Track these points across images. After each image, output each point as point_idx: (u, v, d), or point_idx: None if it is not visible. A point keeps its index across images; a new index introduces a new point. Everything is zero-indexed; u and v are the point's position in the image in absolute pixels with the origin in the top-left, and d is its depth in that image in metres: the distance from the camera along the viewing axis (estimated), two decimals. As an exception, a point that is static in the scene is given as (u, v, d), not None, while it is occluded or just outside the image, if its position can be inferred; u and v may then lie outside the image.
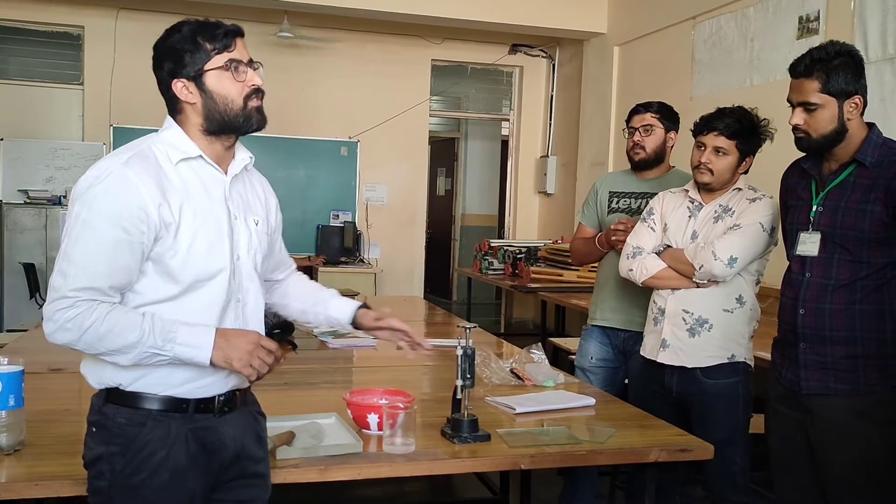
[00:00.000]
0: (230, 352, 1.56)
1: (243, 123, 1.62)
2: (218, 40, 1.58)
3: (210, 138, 1.63)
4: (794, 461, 2.23)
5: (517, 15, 6.63)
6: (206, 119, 1.61)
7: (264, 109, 1.66)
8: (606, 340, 3.06)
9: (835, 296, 2.10)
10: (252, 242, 1.69)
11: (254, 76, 1.62)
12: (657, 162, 3.03)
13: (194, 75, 1.58)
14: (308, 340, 3.27)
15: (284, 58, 7.37)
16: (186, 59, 1.58)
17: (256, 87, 1.63)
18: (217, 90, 1.59)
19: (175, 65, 1.58)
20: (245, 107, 1.61)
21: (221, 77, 1.59)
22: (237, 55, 1.60)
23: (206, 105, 1.60)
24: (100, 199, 1.49)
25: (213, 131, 1.62)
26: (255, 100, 1.63)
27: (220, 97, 1.59)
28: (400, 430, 1.93)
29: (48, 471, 1.73)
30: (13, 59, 7.14)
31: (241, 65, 1.60)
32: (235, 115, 1.61)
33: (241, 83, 1.60)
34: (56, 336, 1.49)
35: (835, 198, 2.12)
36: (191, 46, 1.58)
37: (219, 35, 1.59)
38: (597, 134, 6.82)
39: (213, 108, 1.60)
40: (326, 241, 7.49)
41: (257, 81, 1.63)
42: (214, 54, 1.58)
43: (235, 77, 1.60)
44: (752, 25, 4.95)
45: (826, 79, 2.05)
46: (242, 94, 1.61)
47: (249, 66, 1.62)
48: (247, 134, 1.66)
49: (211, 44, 1.58)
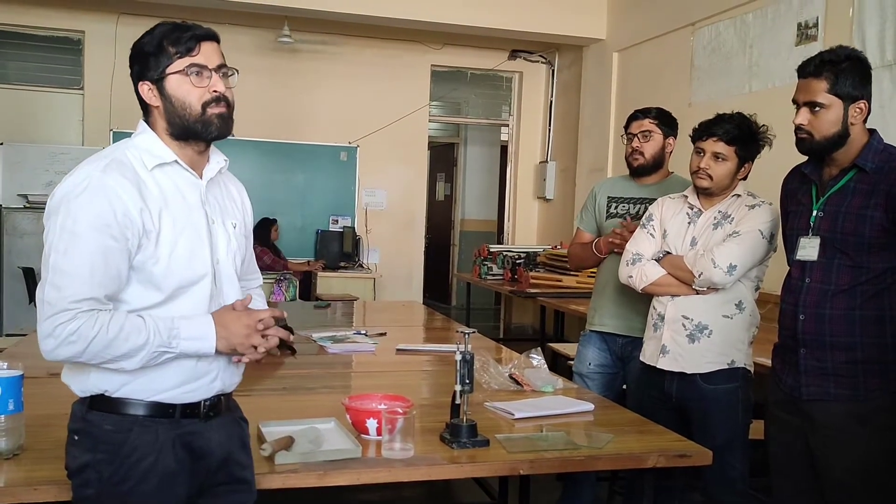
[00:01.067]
0: (231, 338, 1.58)
1: (202, 130, 1.59)
2: (181, 44, 1.56)
3: (179, 143, 1.62)
4: (794, 467, 2.23)
5: (517, 21, 6.64)
6: (168, 123, 1.60)
7: (231, 116, 1.62)
8: (605, 346, 3.06)
9: (835, 301, 2.10)
10: (231, 245, 1.69)
11: (217, 83, 1.59)
12: (656, 168, 3.04)
13: (157, 78, 1.58)
14: (307, 345, 3.27)
15: (284, 63, 7.38)
16: (151, 62, 1.57)
17: (218, 95, 1.59)
18: (176, 94, 1.58)
19: (141, 67, 1.59)
20: (203, 113, 1.58)
21: (181, 81, 1.57)
22: (200, 60, 1.57)
23: (167, 109, 1.59)
24: (84, 209, 1.48)
25: (177, 136, 1.61)
26: (215, 106, 1.59)
27: (179, 102, 1.58)
28: (399, 435, 1.92)
29: (47, 475, 1.72)
30: (13, 64, 7.15)
31: (205, 70, 1.58)
32: (194, 120, 1.58)
33: (202, 88, 1.58)
34: (59, 351, 1.47)
35: (835, 203, 2.13)
36: (155, 49, 1.57)
37: (184, 38, 1.57)
38: (596, 140, 6.83)
39: (172, 113, 1.59)
40: (326, 245, 7.49)
41: (219, 88, 1.59)
42: (176, 58, 1.56)
43: (195, 82, 1.57)
44: (750, 32, 4.96)
45: (835, 80, 2.07)
46: (202, 100, 1.58)
47: (217, 72, 1.59)
48: (209, 141, 1.64)
49: (174, 47, 1.56)
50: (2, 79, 7.06)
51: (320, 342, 3.31)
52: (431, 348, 3.38)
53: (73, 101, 7.13)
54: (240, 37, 6.94)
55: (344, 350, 3.25)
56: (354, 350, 3.27)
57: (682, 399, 2.58)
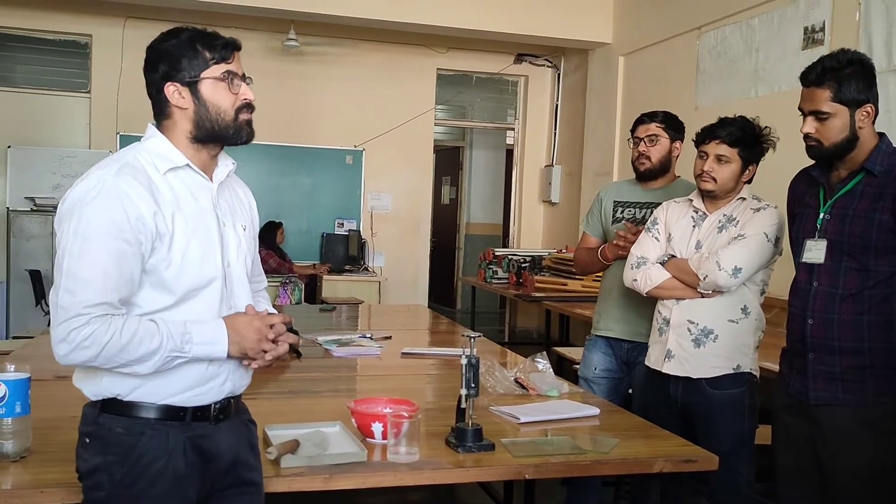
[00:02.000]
0: (243, 343, 1.59)
1: (233, 135, 1.64)
2: (217, 50, 1.60)
3: (196, 146, 1.63)
4: (801, 471, 2.22)
5: (522, 25, 6.64)
6: (195, 126, 1.61)
7: (253, 122, 1.67)
8: (610, 351, 3.05)
9: (843, 306, 2.10)
10: (241, 248, 1.70)
11: (247, 90, 1.64)
12: (662, 172, 3.03)
13: (189, 81, 1.59)
14: (313, 349, 3.28)
15: (290, 66, 7.40)
16: (183, 64, 1.58)
17: (248, 102, 1.64)
18: (211, 99, 1.60)
19: (171, 68, 1.59)
20: (236, 119, 1.63)
21: (217, 87, 1.60)
22: (234, 68, 1.62)
23: (198, 112, 1.60)
24: (97, 213, 1.49)
25: (201, 139, 1.62)
26: (245, 113, 1.64)
27: (213, 106, 1.60)
28: (404, 438, 1.92)
29: (54, 478, 1.73)
30: (21, 67, 7.18)
31: (237, 77, 1.62)
32: (226, 125, 1.62)
33: (235, 95, 1.62)
34: (73, 356, 1.48)
35: (842, 206, 2.12)
36: (189, 52, 1.59)
37: (218, 45, 1.60)
38: (601, 143, 6.83)
39: (204, 117, 1.60)
40: (331, 249, 7.50)
41: (250, 96, 1.65)
42: (213, 63, 1.60)
43: (230, 89, 1.61)
44: (756, 36, 4.96)
45: (838, 87, 2.05)
46: (235, 107, 1.62)
47: (243, 81, 1.64)
48: (234, 145, 1.67)
49: (210, 53, 1.59)
50: (9, 82, 7.09)
51: (325, 345, 3.31)
52: (437, 352, 3.38)
53: (81, 105, 7.16)
54: (246, 41, 6.80)
55: (349, 353, 3.25)
56: (360, 353, 3.27)
57: (687, 404, 2.57)
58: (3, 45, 7.06)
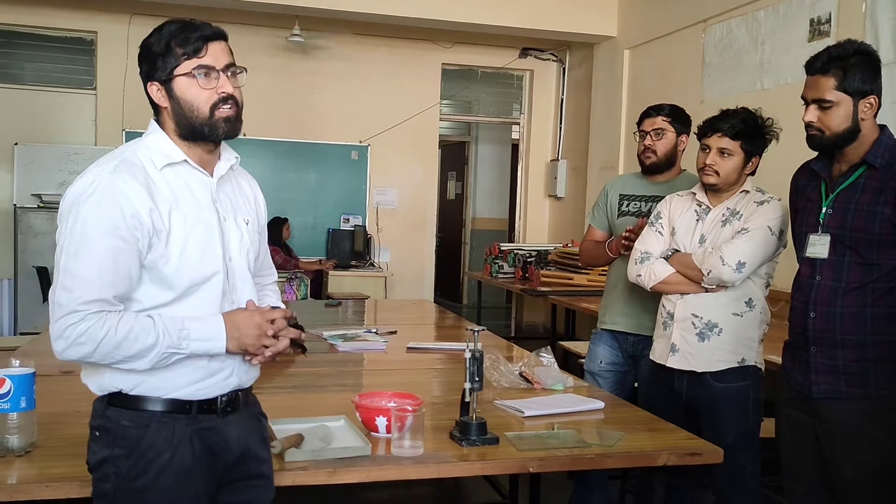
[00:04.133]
0: (243, 339, 1.59)
1: (209, 133, 1.59)
2: (189, 45, 1.56)
3: (188, 143, 1.62)
4: (805, 465, 2.21)
5: (527, 19, 6.63)
6: (176, 124, 1.61)
7: (240, 115, 1.62)
8: (616, 344, 3.05)
9: (846, 299, 2.09)
10: (244, 242, 1.70)
11: (225, 83, 1.58)
12: (668, 165, 3.02)
13: (165, 80, 1.58)
14: (318, 343, 3.28)
15: (295, 62, 7.40)
16: (159, 63, 1.57)
17: (226, 95, 1.59)
18: (184, 96, 1.57)
19: (150, 67, 1.59)
20: (211, 116, 1.58)
21: (189, 84, 1.57)
22: (207, 61, 1.57)
23: (175, 110, 1.59)
24: (93, 211, 1.49)
25: (187, 137, 1.61)
26: (224, 108, 1.59)
27: (187, 104, 1.58)
28: (408, 432, 1.93)
29: (59, 472, 1.74)
30: (27, 65, 7.19)
31: (212, 71, 1.57)
32: (201, 123, 1.58)
33: (210, 90, 1.57)
34: (69, 352, 1.49)
35: (844, 199, 2.11)
36: (163, 50, 1.56)
37: (191, 39, 1.56)
38: (607, 138, 6.81)
39: (181, 114, 1.59)
40: (337, 244, 7.50)
41: (227, 89, 1.58)
42: (184, 59, 1.56)
43: (202, 84, 1.57)
44: (762, 28, 4.93)
45: (843, 76, 2.04)
46: (209, 103, 1.57)
47: (225, 72, 1.59)
48: (216, 142, 1.63)
49: (182, 48, 1.56)
50: (16, 79, 7.11)
51: (331, 340, 3.32)
52: (442, 346, 3.38)
53: (86, 102, 7.17)
54: (251, 36, 6.96)
55: (354, 348, 3.26)
56: (365, 348, 3.28)
57: (692, 397, 2.57)
58: (10, 43, 7.07)
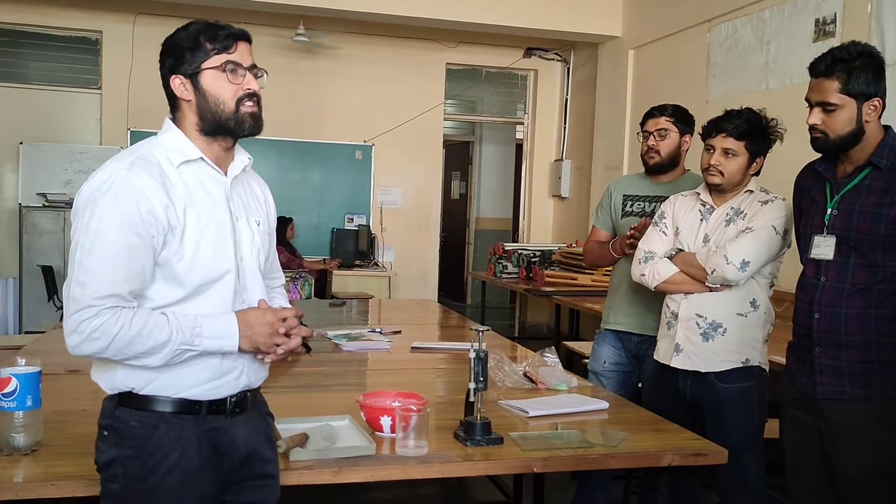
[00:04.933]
0: (255, 337, 1.60)
1: (234, 126, 1.62)
2: (219, 41, 1.59)
3: (207, 139, 1.63)
4: (809, 466, 2.21)
5: (532, 18, 6.63)
6: (200, 118, 1.62)
7: (261, 115, 1.65)
8: (619, 344, 3.05)
9: (850, 300, 2.08)
10: (255, 243, 1.70)
11: (251, 81, 1.62)
12: (672, 166, 3.02)
13: (191, 73, 1.59)
14: (322, 343, 3.29)
15: (300, 62, 7.41)
16: (186, 57, 1.59)
17: (251, 92, 1.62)
18: (211, 90, 1.60)
19: (175, 61, 1.60)
20: (237, 110, 1.61)
21: (217, 77, 1.60)
22: (236, 58, 1.61)
23: (200, 104, 1.61)
24: (109, 207, 1.50)
25: (209, 132, 1.62)
26: (248, 104, 1.62)
27: (213, 97, 1.60)
28: (413, 432, 1.93)
29: (64, 471, 1.75)
30: (33, 64, 7.22)
31: (240, 68, 1.61)
32: (227, 117, 1.61)
33: (237, 86, 1.60)
34: (83, 347, 1.49)
35: (849, 201, 2.11)
36: (191, 45, 1.59)
37: (220, 36, 1.60)
38: (611, 137, 6.81)
39: (205, 108, 1.60)
40: (341, 244, 7.52)
41: (253, 86, 1.62)
42: (213, 54, 1.59)
43: (230, 79, 1.60)
44: (767, 28, 4.93)
45: (846, 79, 2.04)
46: (235, 97, 1.60)
47: (250, 71, 1.62)
48: (240, 137, 1.66)
49: (211, 44, 1.59)
50: (21, 79, 7.13)
51: (335, 340, 3.32)
52: (446, 346, 3.38)
53: (91, 101, 7.19)
54: (256, 36, 6.75)
55: (359, 348, 3.26)
56: (369, 348, 3.28)
57: (696, 398, 2.56)
58: (15, 42, 7.10)
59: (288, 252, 6.92)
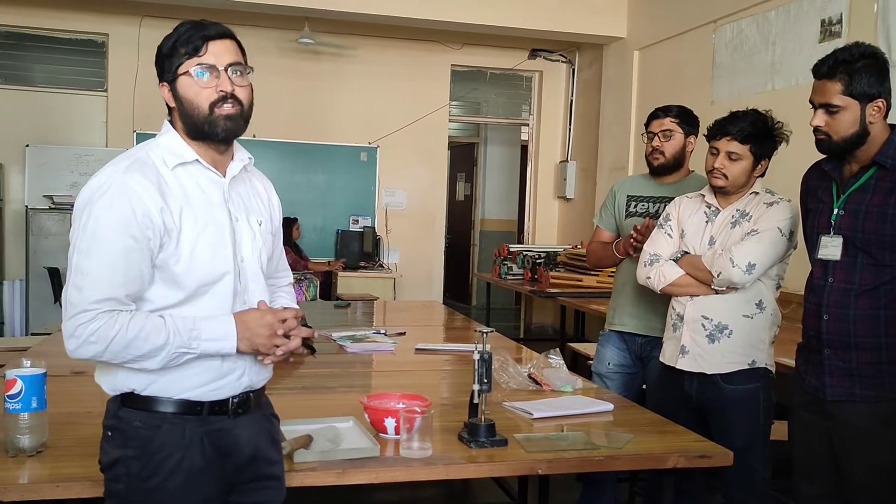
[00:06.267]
0: (254, 338, 1.59)
1: (209, 131, 1.59)
2: (189, 44, 1.57)
3: (198, 142, 1.62)
4: (818, 468, 2.20)
5: (536, 20, 6.62)
6: (183, 123, 1.61)
7: (243, 115, 1.61)
8: (623, 346, 3.05)
9: (859, 301, 2.08)
10: (256, 243, 1.69)
11: (224, 82, 1.58)
12: (676, 167, 3.02)
13: (171, 79, 1.59)
14: (327, 345, 3.29)
15: (305, 64, 7.42)
16: (166, 64, 1.59)
17: (224, 94, 1.58)
18: (186, 95, 1.58)
19: (160, 69, 1.61)
20: (211, 113, 1.58)
21: (189, 83, 1.58)
22: (208, 59, 1.57)
23: (181, 110, 1.60)
24: (105, 210, 1.50)
25: (193, 137, 1.62)
26: (223, 106, 1.58)
27: (188, 102, 1.58)
28: (417, 434, 1.93)
29: (70, 472, 1.75)
30: (39, 67, 7.24)
31: (213, 70, 1.57)
32: (202, 121, 1.59)
33: (210, 89, 1.57)
34: (81, 351, 1.50)
35: (856, 201, 2.10)
36: (169, 51, 1.59)
37: (193, 39, 1.57)
38: (617, 138, 6.80)
39: (184, 113, 1.60)
40: (346, 245, 7.52)
41: (226, 87, 1.58)
42: (185, 58, 1.57)
43: (201, 83, 1.57)
44: (773, 29, 4.91)
45: (849, 81, 2.03)
46: (209, 100, 1.58)
47: (227, 70, 1.58)
48: (219, 141, 1.62)
49: (184, 47, 1.57)
50: (28, 81, 7.15)
51: (340, 342, 3.32)
52: (451, 348, 3.38)
53: (98, 103, 7.21)
54: (261, 38, 6.97)
55: (363, 349, 3.26)
56: (374, 349, 3.28)
57: (702, 400, 2.56)
58: (22, 45, 7.12)
59: (294, 253, 6.93)
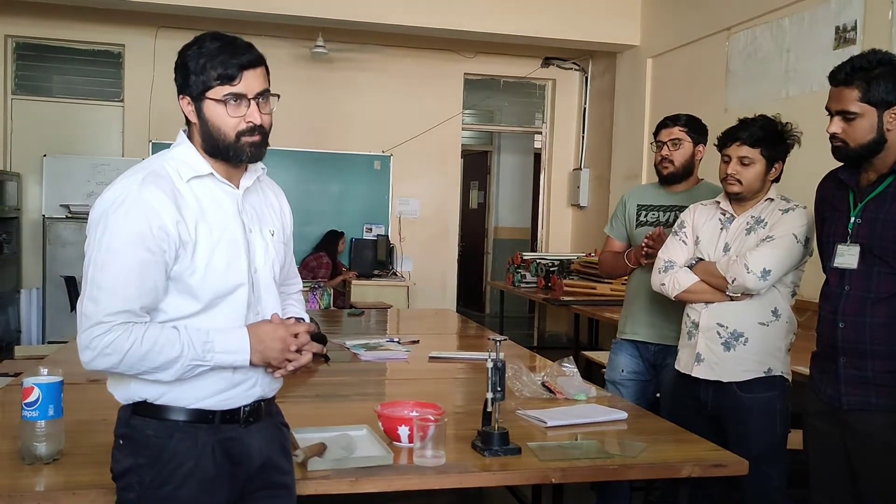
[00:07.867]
0: (267, 352, 1.60)
1: (232, 156, 1.61)
2: (225, 69, 1.55)
3: (213, 159, 1.63)
4: (834, 478, 2.18)
5: (550, 28, 6.63)
6: (203, 140, 1.62)
7: (265, 142, 1.62)
8: (637, 353, 3.04)
9: (875, 309, 2.06)
10: (269, 253, 1.70)
11: (254, 112, 1.58)
12: (686, 175, 3.02)
13: (196, 97, 1.59)
14: (341, 353, 3.30)
15: (319, 73, 7.46)
16: (191, 80, 1.57)
17: (253, 126, 1.58)
18: (212, 119, 1.58)
19: (183, 81, 1.59)
20: (237, 141, 1.59)
21: (218, 108, 1.57)
22: (241, 89, 1.56)
23: (203, 128, 1.60)
24: (120, 223, 1.51)
25: (211, 154, 1.62)
26: (250, 136, 1.59)
27: (214, 126, 1.59)
28: (430, 442, 1.93)
29: (86, 480, 1.76)
30: (57, 77, 7.33)
31: (244, 100, 1.57)
32: (226, 146, 1.59)
33: (238, 118, 1.58)
34: (96, 363, 1.51)
35: (873, 209, 2.08)
36: (197, 68, 1.56)
37: (228, 65, 1.55)
38: (630, 146, 6.78)
39: (207, 133, 1.60)
40: (359, 254, 7.54)
41: (255, 119, 1.58)
42: (216, 84, 1.56)
43: (231, 112, 1.57)
44: (787, 36, 4.90)
45: (866, 88, 2.02)
46: (236, 130, 1.58)
47: (257, 100, 1.59)
48: (238, 163, 1.64)
49: (216, 72, 1.55)
50: (45, 92, 7.24)
51: (354, 350, 3.33)
52: (464, 356, 3.38)
53: (114, 114, 7.29)
54: (275, 48, 7.01)
55: (377, 357, 3.26)
56: (387, 358, 3.28)
57: (717, 408, 2.54)
58: (40, 56, 7.21)
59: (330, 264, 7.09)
